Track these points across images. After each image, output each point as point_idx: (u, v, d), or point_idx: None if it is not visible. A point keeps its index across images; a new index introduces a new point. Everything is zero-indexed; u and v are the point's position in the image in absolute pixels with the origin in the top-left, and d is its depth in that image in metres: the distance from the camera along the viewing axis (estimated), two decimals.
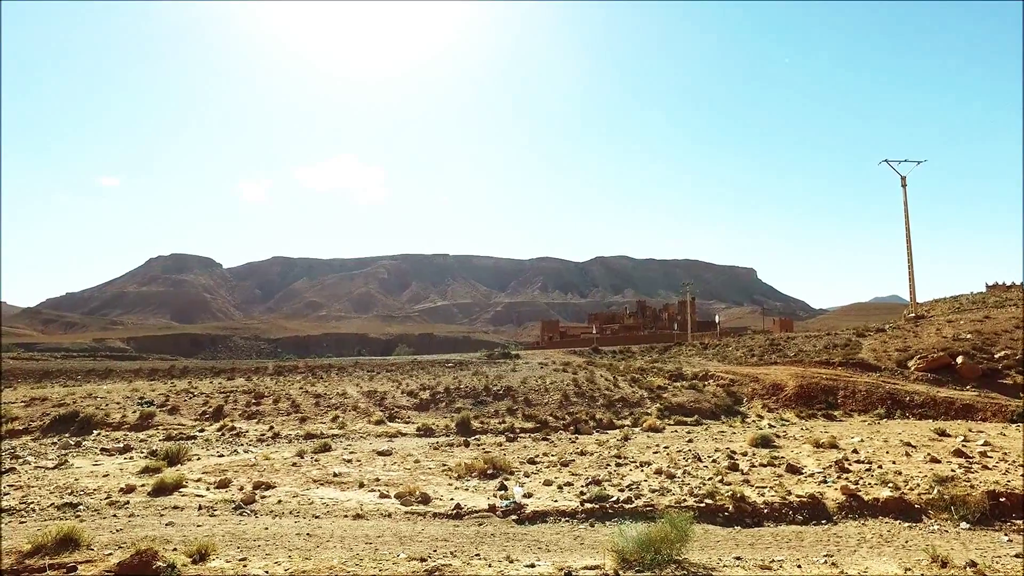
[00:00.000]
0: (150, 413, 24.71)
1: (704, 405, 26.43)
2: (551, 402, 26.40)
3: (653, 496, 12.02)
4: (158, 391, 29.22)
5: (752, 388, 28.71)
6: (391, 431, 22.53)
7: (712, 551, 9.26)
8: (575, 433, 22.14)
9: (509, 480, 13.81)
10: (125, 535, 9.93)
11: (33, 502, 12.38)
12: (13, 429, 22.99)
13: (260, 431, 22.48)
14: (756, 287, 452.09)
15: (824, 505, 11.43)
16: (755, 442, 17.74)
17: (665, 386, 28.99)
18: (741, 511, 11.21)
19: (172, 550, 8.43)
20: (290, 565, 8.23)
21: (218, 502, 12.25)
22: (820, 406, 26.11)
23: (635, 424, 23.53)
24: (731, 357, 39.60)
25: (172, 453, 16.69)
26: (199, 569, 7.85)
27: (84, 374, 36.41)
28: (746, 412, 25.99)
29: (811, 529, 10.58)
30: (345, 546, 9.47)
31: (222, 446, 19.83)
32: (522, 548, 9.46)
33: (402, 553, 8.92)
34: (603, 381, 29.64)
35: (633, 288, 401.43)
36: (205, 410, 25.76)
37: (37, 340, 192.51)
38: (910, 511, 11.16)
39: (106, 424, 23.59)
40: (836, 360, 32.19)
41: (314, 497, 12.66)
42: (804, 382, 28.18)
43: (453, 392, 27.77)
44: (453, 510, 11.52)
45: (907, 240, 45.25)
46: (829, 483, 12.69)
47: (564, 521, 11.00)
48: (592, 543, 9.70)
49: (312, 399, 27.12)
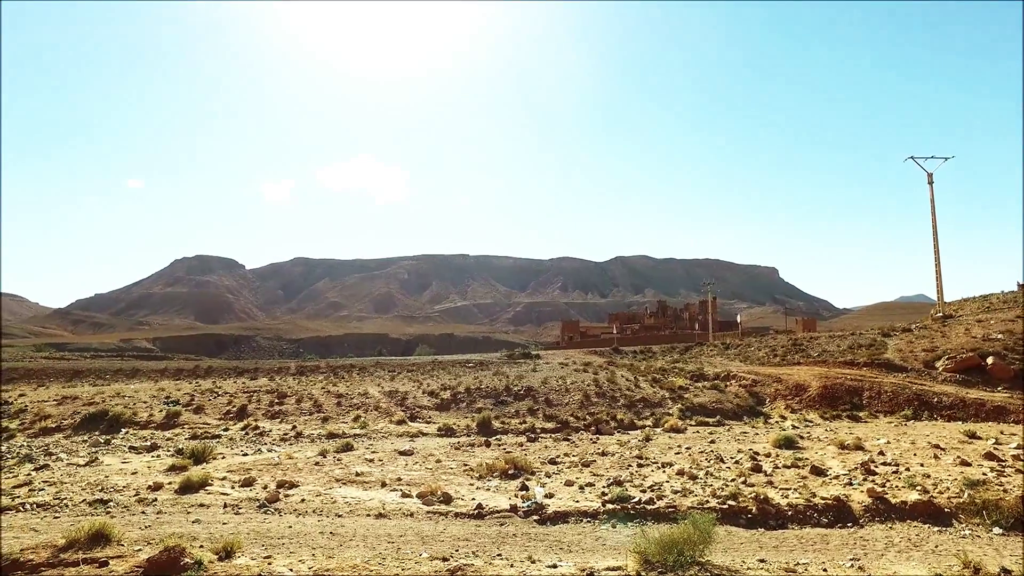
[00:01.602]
0: (176, 412, 25.12)
1: (726, 406, 26.18)
2: (572, 402, 26.34)
3: (675, 497, 11.94)
4: (183, 390, 29.70)
5: (775, 389, 28.36)
6: (412, 431, 22.65)
7: (735, 553, 9.17)
8: (596, 433, 22.06)
9: (530, 480, 13.81)
10: (153, 531, 10.13)
11: (66, 498, 12.70)
12: (46, 427, 23.55)
13: (283, 430, 22.73)
14: (778, 286, 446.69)
15: (850, 508, 11.26)
16: (778, 443, 17.53)
17: (686, 386, 28.76)
18: (765, 513, 11.09)
19: (199, 547, 8.56)
20: (314, 563, 8.31)
21: (243, 500, 12.43)
22: (845, 407, 25.69)
23: (656, 425, 23.38)
24: (753, 357, 39.16)
25: (198, 452, 16.96)
26: (225, 566, 7.96)
27: (112, 373, 37.13)
28: (769, 413, 25.69)
29: (837, 532, 10.42)
30: (368, 545, 9.54)
31: (246, 445, 20.09)
32: (544, 548, 9.46)
33: (424, 552, 8.97)
34: (624, 381, 29.50)
35: (653, 288, 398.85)
36: (229, 409, 26.11)
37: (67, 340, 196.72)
38: (940, 515, 10.94)
39: (134, 423, 24.04)
40: (861, 360, 31.65)
41: (337, 496, 12.78)
42: (828, 383, 27.76)
43: (474, 392, 27.83)
44: (475, 510, 11.55)
45: (934, 238, 44.39)
46: (855, 485, 12.49)
47: (586, 522, 10.97)
48: (614, 544, 9.67)
49: (334, 399, 27.36)
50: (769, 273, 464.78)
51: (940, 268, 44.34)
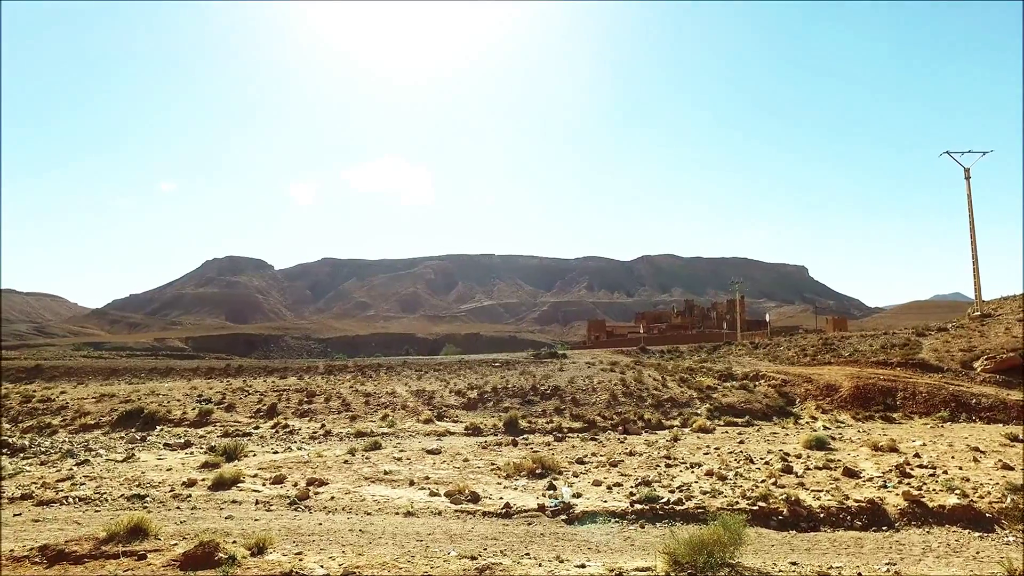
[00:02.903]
0: (208, 410, 25.62)
1: (755, 406, 25.83)
2: (599, 402, 26.23)
3: (704, 498, 11.82)
4: (215, 389, 30.27)
5: (805, 389, 27.88)
6: (440, 430, 22.78)
7: (766, 555, 9.05)
8: (623, 433, 21.95)
9: (558, 480, 13.79)
10: (188, 527, 10.35)
11: (106, 493, 13.08)
12: (85, 423, 24.26)
13: (312, 429, 23.04)
14: (807, 285, 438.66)
15: (885, 511, 11.01)
16: (809, 444, 17.25)
17: (715, 386, 28.44)
18: (796, 515, 10.91)
19: (232, 542, 8.72)
20: (344, 560, 8.41)
21: (274, 497, 12.63)
22: (878, 408, 25.15)
23: (684, 424, 23.18)
24: (782, 357, 38.56)
25: (229, 449, 17.29)
26: (257, 562, 8.10)
27: (147, 372, 38.01)
28: (799, 413, 25.27)
29: (871, 536, 10.20)
30: (397, 543, 9.63)
31: (276, 443, 20.41)
32: (572, 548, 9.44)
33: (453, 551, 9.02)
34: (651, 381, 29.29)
35: (680, 287, 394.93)
36: (260, 408, 26.54)
37: (104, 339, 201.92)
38: (980, 520, 10.63)
39: (168, 420, 24.59)
40: (894, 360, 30.98)
41: (366, 494, 12.91)
42: (860, 383, 27.19)
43: (500, 391, 27.88)
44: (502, 509, 11.57)
45: (971, 235, 43.18)
46: (890, 488, 12.22)
47: (614, 522, 10.92)
48: (643, 544, 9.62)
49: (362, 398, 27.64)
50: (798, 271, 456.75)
51: (978, 265, 43.12)
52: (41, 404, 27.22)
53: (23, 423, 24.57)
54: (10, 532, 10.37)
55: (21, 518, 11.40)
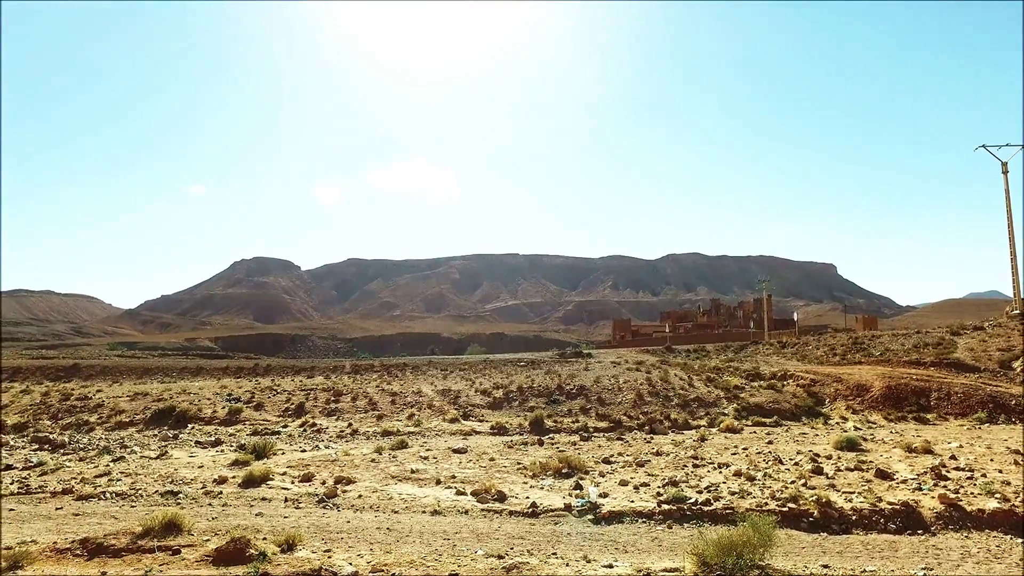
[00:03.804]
0: (238, 409, 26.08)
1: (784, 406, 25.45)
2: (625, 401, 26.09)
3: (733, 499, 11.69)
4: (244, 388, 30.78)
5: (835, 388, 27.38)
6: (465, 429, 22.87)
7: (797, 558, 8.91)
8: (650, 433, 21.81)
9: (584, 479, 13.75)
10: (220, 523, 10.57)
11: (141, 488, 13.44)
12: (121, 421, 24.90)
13: (339, 428, 23.30)
14: (836, 283, 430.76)
15: (920, 514, 10.76)
16: (840, 445, 16.93)
17: (742, 386, 28.09)
18: (827, 517, 10.73)
19: (262, 539, 8.87)
20: (372, 558, 8.49)
21: (302, 495, 12.82)
22: (911, 408, 24.58)
23: (711, 424, 22.94)
24: (811, 356, 37.94)
25: (259, 447, 17.59)
26: (287, 558, 8.22)
27: (178, 371, 38.81)
28: (828, 414, 24.83)
29: (906, 539, 9.98)
30: (424, 541, 9.70)
31: (304, 441, 20.69)
32: (599, 548, 9.41)
33: (480, 550, 9.05)
34: (677, 380, 29.04)
35: (706, 285, 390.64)
36: (288, 407, 26.92)
37: (137, 339, 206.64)
38: (1022, 526, 10.34)
39: (199, 418, 25.08)
40: (928, 360, 30.27)
41: (393, 493, 13.02)
42: (892, 383, 26.61)
43: (526, 391, 27.89)
44: (529, 508, 11.58)
45: (1009, 230, 42.01)
46: (924, 491, 11.93)
47: (641, 522, 10.86)
48: (670, 545, 9.55)
49: (388, 397, 27.87)
50: (827, 269, 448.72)
51: (1016, 262, 41.93)
52: (79, 402, 27.97)
53: (63, 420, 25.31)
54: (53, 525, 10.76)
55: (62, 512, 11.77)
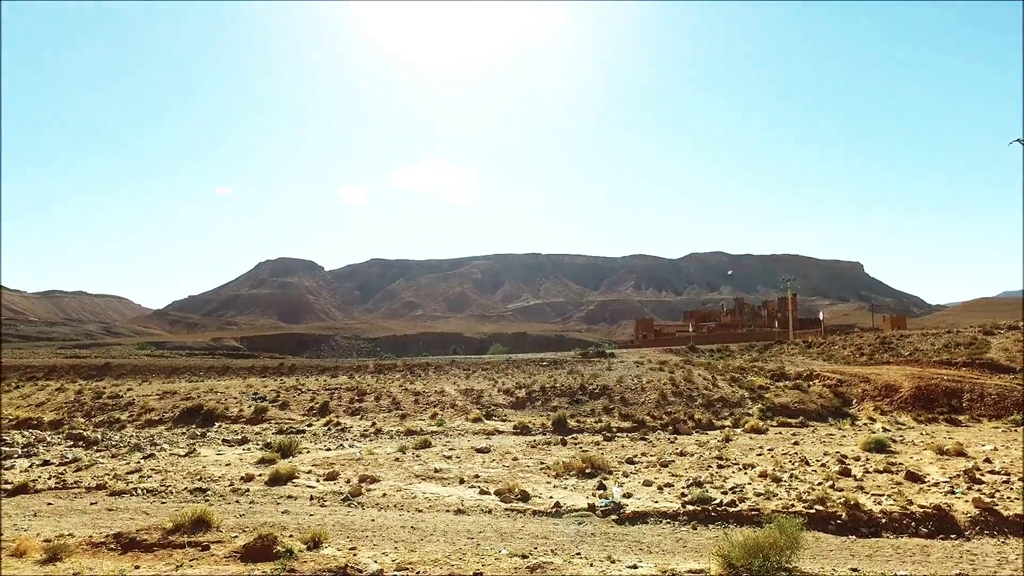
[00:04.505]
0: (263, 408, 26.44)
1: (809, 406, 25.10)
2: (648, 401, 25.94)
3: (758, 500, 11.56)
4: (269, 387, 31.18)
5: (862, 389, 26.93)
6: (488, 428, 22.92)
7: (825, 560, 8.78)
8: (674, 433, 21.66)
9: (608, 480, 13.71)
10: (247, 520, 10.72)
11: (170, 485, 13.70)
12: (150, 419, 25.41)
13: (363, 427, 23.50)
14: (863, 282, 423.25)
15: (953, 518, 10.51)
16: (868, 446, 16.67)
17: (767, 386, 27.76)
18: (856, 519, 10.55)
19: (288, 536, 9.00)
20: (396, 556, 8.56)
21: (327, 493, 12.96)
22: (942, 410, 24.07)
23: (736, 425, 22.71)
24: (837, 356, 37.35)
25: (284, 446, 17.79)
26: (313, 555, 8.32)
27: (205, 371, 39.42)
28: (856, 414, 24.43)
29: (939, 544, 9.74)
30: (448, 540, 9.74)
31: (328, 440, 20.90)
32: (623, 548, 9.37)
33: (503, 549, 9.06)
34: (701, 380, 28.79)
35: (730, 284, 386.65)
36: (312, 406, 27.23)
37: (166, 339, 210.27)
38: None
39: (226, 417, 25.48)
40: (959, 360, 29.63)
41: (417, 492, 13.10)
42: (922, 383, 26.08)
43: (549, 391, 27.86)
44: (552, 508, 11.57)
45: None
46: (957, 494, 11.68)
47: (665, 522, 10.78)
48: (695, 546, 9.47)
49: (412, 396, 28.04)
50: (853, 268, 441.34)
51: None
52: (111, 400, 28.60)
53: (95, 418, 25.91)
54: (88, 519, 11.06)
55: (97, 507, 12.07)
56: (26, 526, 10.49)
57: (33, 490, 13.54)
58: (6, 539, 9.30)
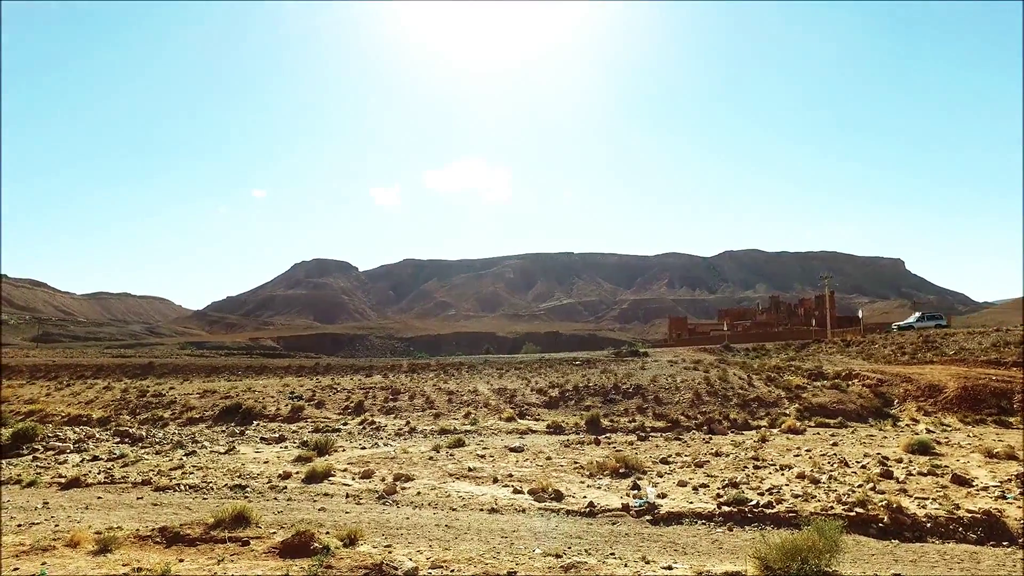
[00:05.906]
0: (300, 407, 26.93)
1: (848, 406, 24.49)
2: (682, 401, 25.66)
3: (796, 501, 11.35)
4: (305, 386, 31.72)
5: (904, 389, 26.15)
6: (521, 428, 22.95)
7: (866, 565, 8.57)
8: (708, 433, 21.37)
9: (642, 480, 13.61)
10: (285, 517, 10.96)
11: (211, 482, 14.08)
12: (191, 417, 26.11)
13: (397, 426, 23.74)
14: (904, 279, 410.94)
15: (1004, 524, 10.13)
16: (911, 448, 16.17)
17: (804, 385, 27.18)
18: (898, 523, 10.27)
19: (325, 533, 9.16)
20: (431, 554, 8.65)
21: (363, 491, 13.15)
22: (990, 411, 23.21)
23: (772, 425, 22.30)
24: (878, 355, 36.36)
25: (320, 444, 18.10)
26: (350, 552, 8.46)
27: (243, 370, 40.31)
28: (897, 415, 23.74)
29: (989, 551, 9.40)
30: (482, 539, 9.79)
31: (363, 439, 21.18)
32: (658, 549, 9.30)
33: (537, 548, 9.08)
34: (736, 380, 28.34)
35: (765, 282, 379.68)
36: (347, 405, 27.61)
37: (205, 339, 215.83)
38: None
39: (263, 415, 26.02)
40: (1010, 359, 28.56)
41: (451, 490, 13.20)
42: (968, 383, 25.19)
43: (582, 390, 27.77)
44: (586, 508, 11.54)
45: None
46: (1009, 499, 11.25)
47: (700, 523, 10.67)
48: (731, 548, 9.35)
49: (445, 396, 28.23)
50: (894, 265, 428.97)
51: None
52: (154, 399, 29.46)
53: (140, 415, 26.73)
54: (135, 513, 11.48)
55: (142, 502, 12.50)
56: (79, 518, 10.95)
57: (85, 484, 14.11)
58: (62, 530, 9.73)
